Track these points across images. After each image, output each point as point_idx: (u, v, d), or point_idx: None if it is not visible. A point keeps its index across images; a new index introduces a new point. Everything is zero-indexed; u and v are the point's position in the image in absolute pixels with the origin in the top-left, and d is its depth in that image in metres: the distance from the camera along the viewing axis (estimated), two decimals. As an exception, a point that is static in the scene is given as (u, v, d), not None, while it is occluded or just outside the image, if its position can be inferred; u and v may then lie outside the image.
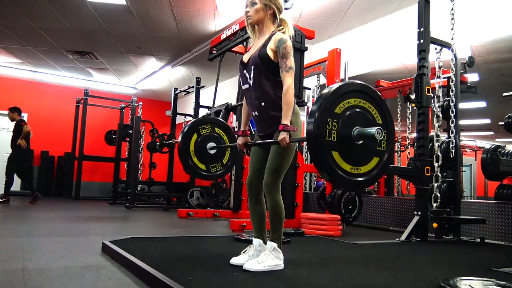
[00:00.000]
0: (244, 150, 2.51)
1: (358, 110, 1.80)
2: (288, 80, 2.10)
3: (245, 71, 2.28)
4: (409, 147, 6.47)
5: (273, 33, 2.21)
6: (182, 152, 2.88)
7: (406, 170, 4.16)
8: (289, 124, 2.04)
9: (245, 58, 2.29)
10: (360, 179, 1.80)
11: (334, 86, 1.81)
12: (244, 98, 2.41)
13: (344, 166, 1.75)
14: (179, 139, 2.94)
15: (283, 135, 2.02)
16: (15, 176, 7.30)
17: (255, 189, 2.28)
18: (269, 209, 2.17)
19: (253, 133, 2.51)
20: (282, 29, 2.26)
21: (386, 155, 1.87)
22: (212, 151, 2.94)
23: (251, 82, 2.23)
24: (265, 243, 2.24)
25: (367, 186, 1.87)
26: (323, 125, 1.70)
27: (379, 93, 1.91)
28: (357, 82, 1.90)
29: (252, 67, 2.20)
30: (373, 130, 1.72)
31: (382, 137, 1.74)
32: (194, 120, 3.04)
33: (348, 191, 4.34)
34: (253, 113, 2.29)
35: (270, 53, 2.15)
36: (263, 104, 2.18)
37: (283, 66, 2.12)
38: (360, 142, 1.76)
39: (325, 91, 1.78)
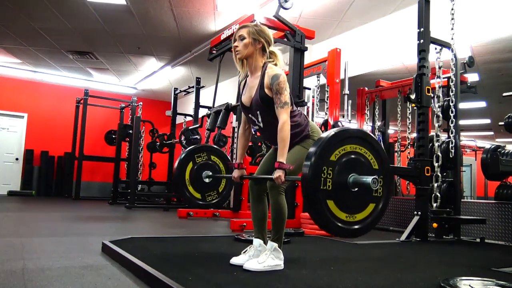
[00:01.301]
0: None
1: (354, 156, 1.75)
2: (283, 116, 2.08)
3: (250, 115, 2.27)
4: (409, 147, 6.47)
5: (265, 68, 2.19)
6: (177, 181, 2.84)
7: (406, 170, 4.16)
8: (285, 162, 2.02)
9: (245, 101, 2.26)
10: (355, 227, 1.73)
11: (331, 132, 1.75)
12: (241, 130, 2.41)
13: (340, 215, 1.69)
14: (175, 167, 2.90)
15: (278, 173, 2.00)
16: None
17: (257, 189, 2.29)
18: (272, 210, 2.18)
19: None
20: (273, 61, 2.24)
21: (382, 201, 1.81)
22: (208, 180, 2.90)
23: (261, 125, 2.24)
24: (265, 243, 2.25)
25: (362, 234, 1.78)
26: (318, 174, 1.64)
27: (375, 138, 1.87)
28: (353, 129, 1.89)
29: (258, 112, 2.20)
30: (368, 180, 1.67)
31: (377, 187, 1.69)
32: (190, 148, 2.97)
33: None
34: (272, 145, 2.35)
35: (269, 93, 2.14)
36: None
37: (277, 102, 2.10)
38: (356, 189, 1.71)
39: (323, 135, 1.72)
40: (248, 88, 2.27)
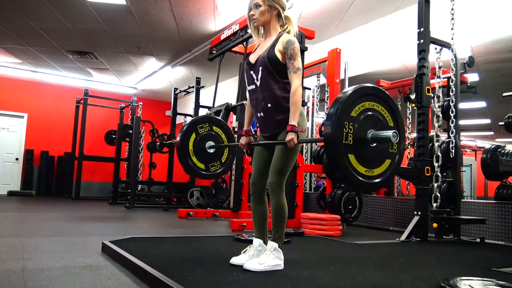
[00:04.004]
0: (245, 150, 2.51)
1: (371, 113, 1.84)
2: (296, 81, 2.11)
3: (251, 72, 2.27)
4: (409, 147, 6.47)
5: (280, 34, 2.22)
6: (181, 151, 2.85)
7: (406, 170, 4.16)
8: (296, 125, 2.05)
9: (252, 58, 2.28)
10: (374, 180, 1.85)
11: (350, 89, 1.84)
12: (248, 98, 2.40)
13: (359, 169, 1.80)
14: (178, 138, 2.92)
15: (291, 136, 2.03)
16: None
17: (259, 189, 2.29)
18: (273, 209, 2.18)
19: (253, 133, 2.50)
20: (287, 28, 2.28)
21: (397, 157, 1.92)
22: (211, 150, 2.92)
23: (258, 83, 2.23)
24: (265, 243, 2.25)
25: (381, 187, 1.93)
26: (340, 128, 1.74)
27: (391, 97, 1.96)
28: (371, 86, 1.94)
29: (260, 68, 2.20)
30: (389, 133, 1.76)
31: (397, 140, 1.78)
32: (192, 119, 3.02)
33: (358, 191, 4.29)
34: (258, 114, 2.28)
35: (278, 55, 2.15)
36: (269, 105, 2.18)
37: (290, 67, 2.13)
38: (374, 144, 1.81)
39: (341, 95, 1.82)
40: (259, 48, 2.30)
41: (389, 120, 1.90)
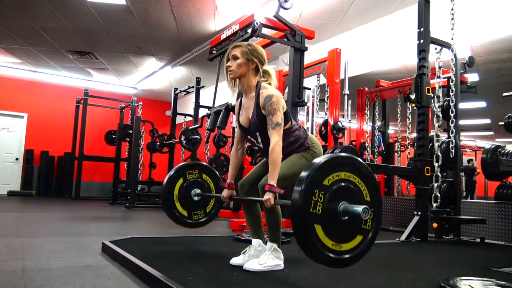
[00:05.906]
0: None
1: (346, 184, 1.70)
2: (275, 138, 2.05)
3: (249, 137, 2.27)
4: (409, 147, 6.47)
5: (259, 88, 2.17)
6: (165, 196, 2.76)
7: (406, 170, 4.16)
8: (275, 185, 1.99)
9: (243, 122, 2.25)
10: (340, 257, 1.67)
11: (326, 157, 1.71)
12: (233, 150, 2.39)
13: (326, 242, 1.64)
14: (164, 181, 2.81)
15: (268, 196, 1.96)
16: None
17: (247, 190, 2.28)
18: (265, 211, 2.17)
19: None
20: (266, 80, 2.22)
21: (370, 234, 1.74)
22: (197, 198, 2.83)
23: (261, 146, 2.23)
24: (264, 242, 2.24)
25: (347, 265, 1.72)
26: (309, 196, 1.60)
27: (370, 169, 1.79)
28: (350, 156, 1.79)
29: (257, 133, 2.19)
30: (359, 209, 1.61)
31: (368, 217, 1.64)
32: (182, 164, 2.90)
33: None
34: None
35: (265, 113, 2.12)
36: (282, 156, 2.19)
37: (269, 123, 2.08)
38: (345, 218, 1.66)
39: (317, 160, 1.68)
40: (244, 109, 2.25)
41: (366, 193, 1.75)
